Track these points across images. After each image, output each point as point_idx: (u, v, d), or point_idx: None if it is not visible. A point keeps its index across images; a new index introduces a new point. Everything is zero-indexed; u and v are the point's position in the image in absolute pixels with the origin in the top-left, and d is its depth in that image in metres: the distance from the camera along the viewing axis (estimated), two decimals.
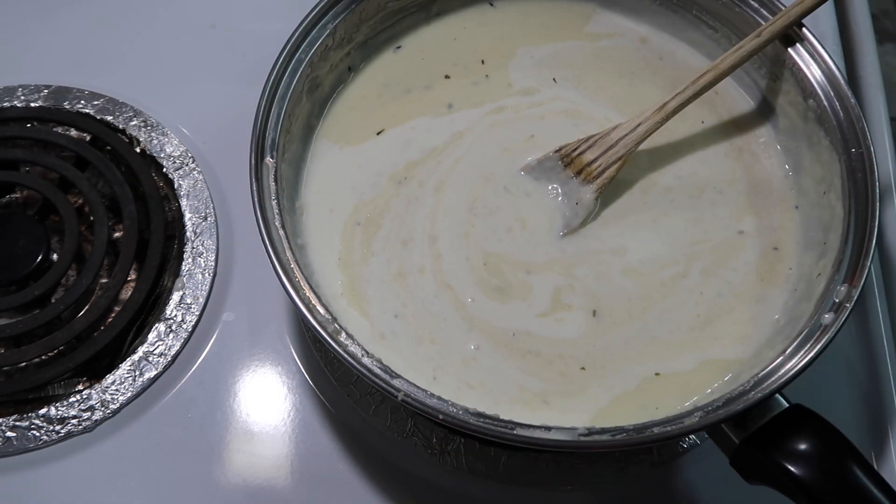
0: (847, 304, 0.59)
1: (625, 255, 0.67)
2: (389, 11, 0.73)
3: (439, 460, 0.69)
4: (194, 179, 0.79)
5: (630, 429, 0.55)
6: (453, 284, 0.65)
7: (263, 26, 0.87)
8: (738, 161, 0.71)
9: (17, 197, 0.80)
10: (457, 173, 0.69)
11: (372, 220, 0.68)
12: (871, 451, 0.70)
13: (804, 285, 0.65)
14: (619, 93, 0.74)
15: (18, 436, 0.69)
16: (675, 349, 0.64)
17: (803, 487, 0.55)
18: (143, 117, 0.82)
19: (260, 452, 0.69)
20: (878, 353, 0.74)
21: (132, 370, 0.71)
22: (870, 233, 0.61)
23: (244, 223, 0.78)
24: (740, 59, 0.68)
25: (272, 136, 0.64)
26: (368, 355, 0.57)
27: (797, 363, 0.57)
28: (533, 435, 0.55)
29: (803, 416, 0.58)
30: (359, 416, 0.70)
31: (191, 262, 0.76)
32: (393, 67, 0.74)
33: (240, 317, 0.74)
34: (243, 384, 0.72)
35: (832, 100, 0.66)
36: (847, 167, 0.64)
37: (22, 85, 0.83)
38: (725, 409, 0.56)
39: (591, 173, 0.68)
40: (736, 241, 0.68)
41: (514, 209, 0.68)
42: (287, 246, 0.61)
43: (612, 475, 0.68)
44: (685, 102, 0.68)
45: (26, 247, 0.75)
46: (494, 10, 0.77)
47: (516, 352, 0.63)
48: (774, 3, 0.69)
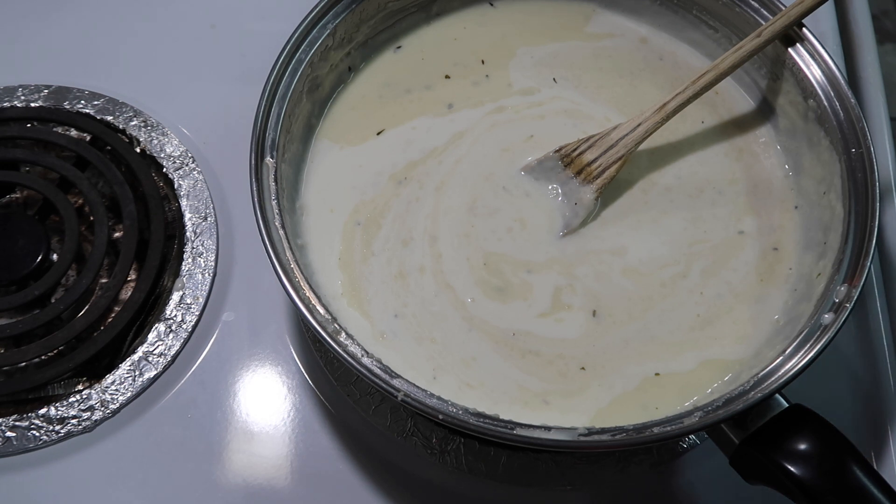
0: (847, 304, 0.59)
1: (625, 255, 0.67)
2: (389, 11, 0.73)
3: (439, 460, 0.69)
4: (194, 179, 0.79)
5: (630, 429, 0.55)
6: (453, 284, 0.65)
7: (263, 26, 0.87)
8: (738, 161, 0.71)
9: (17, 197, 0.80)
10: (457, 173, 0.70)
11: (372, 220, 0.68)
12: (871, 451, 0.70)
13: (804, 285, 0.64)
14: (619, 93, 0.74)
15: (18, 436, 0.69)
16: (675, 349, 0.64)
17: (803, 487, 0.55)
18: (143, 117, 0.82)
19: (260, 452, 0.69)
20: (878, 353, 0.74)
21: (132, 370, 0.71)
22: (870, 233, 0.61)
23: (244, 223, 0.78)
24: (740, 59, 0.68)
25: (272, 136, 0.64)
26: (368, 355, 0.57)
27: (797, 363, 0.57)
28: (533, 435, 0.55)
29: (803, 416, 0.58)
30: (359, 416, 0.70)
31: (191, 262, 0.76)
32: (393, 67, 0.74)
33: (240, 317, 0.74)
34: (243, 384, 0.72)
35: (832, 100, 0.66)
36: (847, 167, 0.64)
37: (22, 85, 0.83)
38: (725, 409, 0.56)
39: (591, 173, 0.68)
40: (736, 241, 0.68)
41: (514, 209, 0.68)
42: (287, 246, 0.61)
43: (612, 475, 0.68)
44: (685, 102, 0.68)
45: (26, 247, 0.75)
46: (494, 10, 0.77)
47: (516, 352, 0.63)
48: (774, 3, 0.69)
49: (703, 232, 0.68)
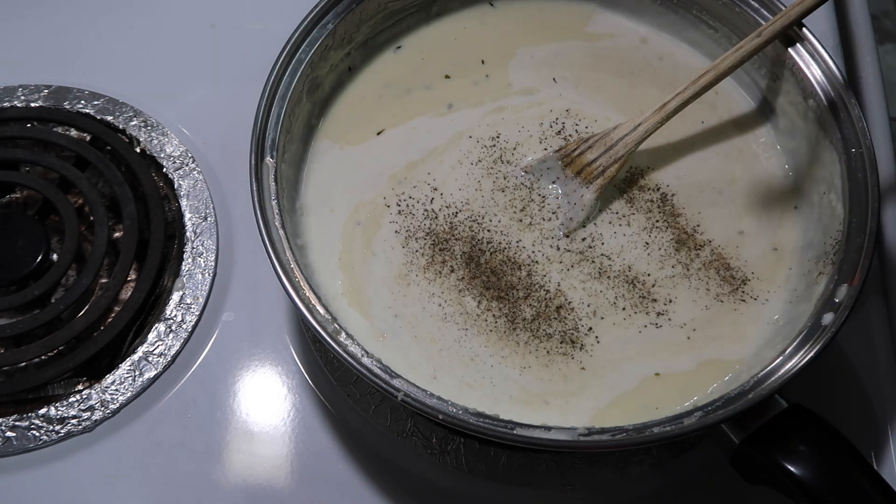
0: (847, 304, 0.59)
1: (624, 254, 0.67)
2: (389, 11, 0.73)
3: (439, 460, 0.69)
4: (194, 179, 0.79)
5: (630, 429, 0.55)
6: (454, 284, 0.65)
7: (263, 26, 0.87)
8: (738, 161, 0.71)
9: (17, 197, 0.80)
10: (457, 173, 0.70)
11: (372, 220, 0.68)
12: (871, 451, 0.70)
13: (804, 285, 0.65)
14: (619, 93, 0.74)
15: (18, 436, 0.69)
16: (675, 349, 0.64)
17: (802, 487, 0.55)
18: (143, 117, 0.82)
19: (260, 452, 0.69)
20: (878, 353, 0.74)
21: (132, 370, 0.72)
22: (870, 233, 0.61)
23: (244, 223, 0.78)
24: (740, 59, 0.68)
25: (272, 136, 0.64)
26: (368, 355, 0.57)
27: (797, 363, 0.57)
28: (533, 435, 0.55)
29: (803, 416, 0.58)
30: (358, 416, 0.70)
31: (191, 262, 0.76)
32: (393, 67, 0.74)
33: (240, 317, 0.74)
34: (243, 384, 0.72)
35: (832, 100, 0.66)
36: (847, 167, 0.64)
37: (22, 85, 0.83)
38: (725, 409, 0.56)
39: (591, 173, 0.68)
40: (736, 241, 0.68)
41: (514, 209, 0.68)
42: (287, 246, 0.61)
43: (612, 475, 0.68)
44: (685, 102, 0.68)
45: (26, 247, 0.75)
46: (494, 10, 0.77)
47: (516, 352, 0.63)
48: (774, 3, 0.69)
49: (703, 232, 0.68)
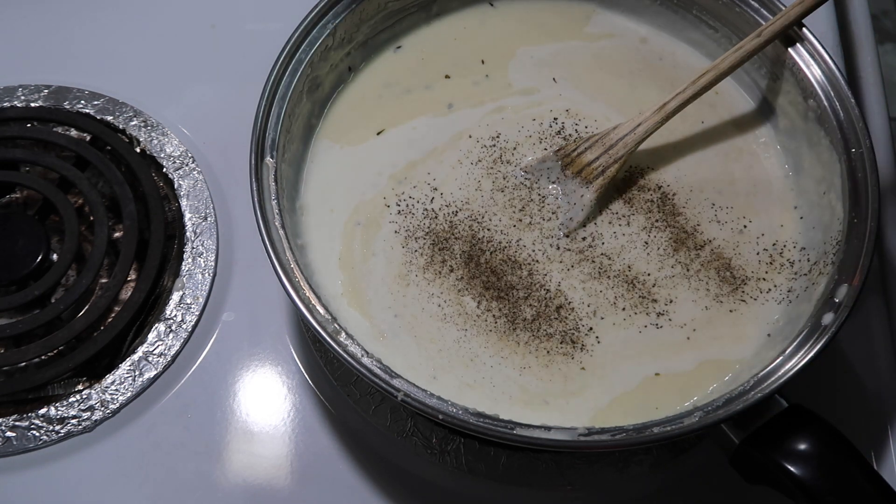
0: (847, 304, 0.59)
1: (624, 254, 0.67)
2: (389, 11, 0.73)
3: (439, 460, 0.69)
4: (194, 179, 0.79)
5: (630, 429, 0.55)
6: (454, 284, 0.65)
7: (263, 26, 0.87)
8: (738, 161, 0.71)
9: (17, 197, 0.80)
10: (457, 173, 0.70)
11: (372, 220, 0.68)
12: (871, 451, 0.70)
13: (804, 285, 0.65)
14: (619, 93, 0.74)
15: (18, 436, 0.69)
16: (675, 349, 0.64)
17: (802, 487, 0.55)
18: (143, 117, 0.82)
19: (260, 452, 0.69)
20: (878, 353, 0.74)
21: (132, 370, 0.72)
22: (870, 233, 0.61)
23: (244, 223, 0.78)
24: (740, 59, 0.68)
25: (272, 136, 0.64)
26: (368, 355, 0.57)
27: (797, 363, 0.57)
28: (533, 435, 0.55)
29: (802, 416, 0.58)
30: (358, 416, 0.70)
31: (191, 262, 0.76)
32: (393, 67, 0.74)
33: (240, 317, 0.74)
34: (243, 384, 0.72)
35: (832, 100, 0.66)
36: (847, 167, 0.64)
37: (22, 85, 0.83)
38: (725, 409, 0.56)
39: (590, 173, 0.68)
40: (736, 241, 0.68)
41: (513, 209, 0.68)
42: (287, 246, 0.61)
43: (612, 475, 0.68)
44: (685, 102, 0.68)
45: (26, 247, 0.75)
46: (494, 10, 0.77)
47: (516, 352, 0.63)
48: (774, 3, 0.69)
49: (703, 232, 0.68)
